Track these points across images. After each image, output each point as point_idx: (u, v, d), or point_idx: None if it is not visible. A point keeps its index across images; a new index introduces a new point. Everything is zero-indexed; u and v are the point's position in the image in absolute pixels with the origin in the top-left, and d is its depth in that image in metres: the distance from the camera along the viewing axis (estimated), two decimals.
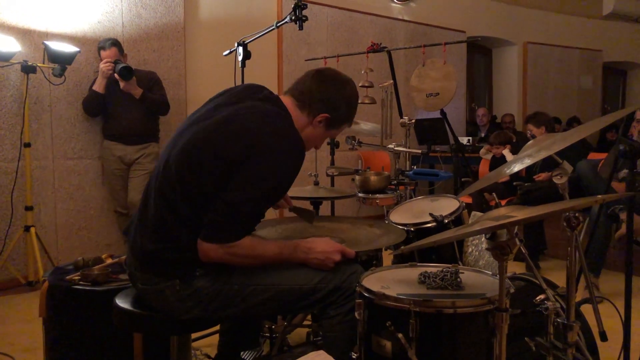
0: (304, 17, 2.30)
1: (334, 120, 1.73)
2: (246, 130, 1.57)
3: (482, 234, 1.18)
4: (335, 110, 1.71)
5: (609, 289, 3.43)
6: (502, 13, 7.66)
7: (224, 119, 1.62)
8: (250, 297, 1.63)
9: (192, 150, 1.59)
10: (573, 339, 1.39)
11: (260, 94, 1.71)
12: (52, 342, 2.15)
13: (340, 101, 1.72)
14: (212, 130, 1.60)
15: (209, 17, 4.86)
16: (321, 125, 1.72)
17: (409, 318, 1.32)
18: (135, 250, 1.66)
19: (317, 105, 1.69)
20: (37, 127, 3.93)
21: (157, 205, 1.62)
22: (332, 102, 1.70)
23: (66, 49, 3.70)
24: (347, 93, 1.74)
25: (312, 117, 1.70)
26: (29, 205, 3.73)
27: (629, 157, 1.79)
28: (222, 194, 1.53)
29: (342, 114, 1.74)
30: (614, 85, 10.10)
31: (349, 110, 1.76)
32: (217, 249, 1.54)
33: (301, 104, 1.70)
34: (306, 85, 1.72)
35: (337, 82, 1.73)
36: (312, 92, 1.70)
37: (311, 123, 1.71)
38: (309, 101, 1.70)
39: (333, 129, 1.77)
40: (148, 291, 1.64)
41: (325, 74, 1.75)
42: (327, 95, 1.70)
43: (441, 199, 2.30)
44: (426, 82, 2.84)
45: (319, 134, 1.74)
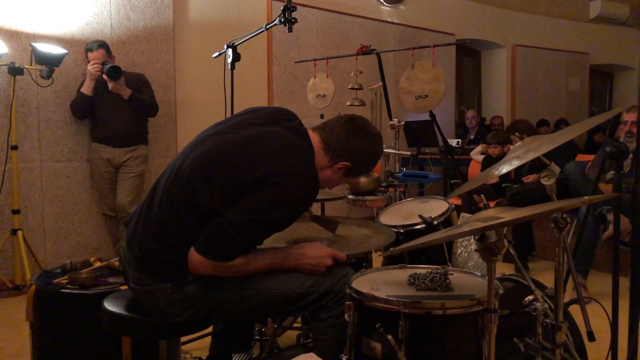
0: (293, 19, 2.30)
1: (354, 171, 1.75)
2: (267, 157, 1.57)
3: (471, 235, 1.18)
4: (358, 162, 1.73)
5: (597, 290, 3.46)
6: (491, 16, 7.71)
7: (248, 139, 1.62)
8: (241, 302, 1.63)
9: (209, 161, 1.59)
10: (561, 339, 1.40)
11: (289, 123, 1.72)
12: (39, 346, 2.13)
13: (365, 154, 1.73)
14: (233, 147, 1.61)
15: (199, 19, 4.84)
16: (340, 172, 1.73)
17: (399, 319, 1.32)
18: (132, 245, 1.65)
19: (342, 153, 1.70)
20: (24, 129, 3.89)
21: (162, 207, 1.61)
22: (356, 154, 1.71)
23: (54, 50, 3.67)
24: (373, 148, 1.76)
25: (334, 162, 1.71)
26: (16, 208, 3.70)
27: (615, 158, 1.81)
28: (226, 212, 1.53)
29: (363, 166, 1.77)
30: (601, 87, 10.21)
31: (370, 163, 1.78)
32: (208, 266, 1.55)
33: (326, 147, 1.70)
34: (336, 130, 1.71)
35: (366, 135, 1.73)
36: (340, 139, 1.70)
37: (331, 167, 1.72)
38: (335, 147, 1.70)
39: (350, 177, 1.80)
40: (139, 292, 1.64)
41: (356, 123, 1.74)
42: (354, 146, 1.70)
43: (430, 201, 2.31)
44: (415, 84, 2.85)
45: (336, 179, 1.76)
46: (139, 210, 1.70)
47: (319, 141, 1.72)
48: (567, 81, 8.77)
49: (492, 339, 1.25)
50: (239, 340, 2.14)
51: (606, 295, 1.98)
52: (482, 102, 8.38)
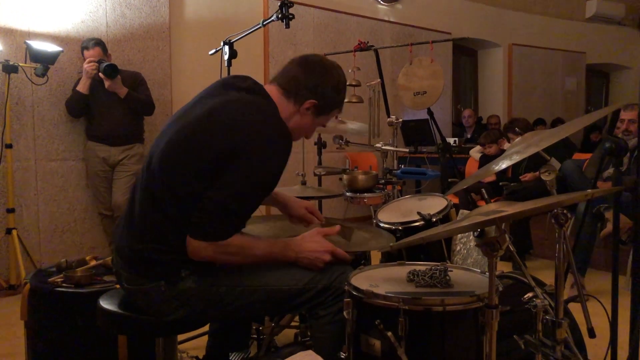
0: (290, 16, 2.29)
1: (323, 107, 1.69)
2: (230, 125, 1.53)
3: (473, 229, 1.17)
4: (323, 97, 1.67)
5: (595, 288, 3.46)
6: (487, 15, 7.71)
7: (207, 113, 1.57)
8: (238, 299, 1.61)
9: (176, 147, 1.56)
10: (562, 336, 1.39)
11: (243, 84, 1.66)
12: (33, 345, 2.11)
13: (328, 87, 1.67)
14: (195, 125, 1.56)
15: (195, 17, 4.82)
16: (309, 112, 1.68)
17: (398, 316, 1.30)
18: (121, 249, 1.63)
19: (304, 92, 1.65)
20: (18, 127, 3.86)
21: (143, 204, 1.59)
22: (318, 88, 1.66)
23: (49, 48, 3.64)
24: (334, 78, 1.69)
25: (299, 105, 1.66)
26: (11, 207, 3.67)
27: (614, 154, 1.80)
28: (209, 192, 1.50)
29: (330, 100, 1.69)
30: (597, 87, 10.23)
31: (337, 95, 1.71)
32: (207, 247, 1.50)
33: (287, 93, 1.65)
34: (291, 73, 1.67)
35: (323, 68, 1.68)
36: (298, 79, 1.65)
37: (298, 111, 1.67)
38: (295, 89, 1.65)
39: (322, 116, 1.72)
40: (133, 291, 1.61)
41: (310, 60, 1.70)
42: (314, 81, 1.65)
43: (429, 198, 2.29)
44: (413, 81, 2.83)
45: (307, 122, 1.70)
46: (124, 214, 1.68)
47: (277, 90, 1.66)
48: (564, 80, 8.78)
49: (493, 335, 1.24)
50: (236, 339, 2.11)
51: (604, 293, 1.98)
52: (478, 101, 8.38)
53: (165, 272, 1.56)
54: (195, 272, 1.58)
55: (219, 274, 1.60)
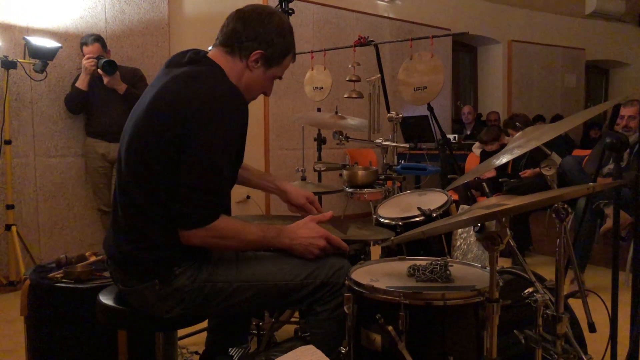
0: (290, 10, 2.28)
1: (271, 56, 1.60)
2: (176, 101, 1.47)
3: (475, 223, 1.17)
4: (269, 45, 1.58)
5: (594, 284, 3.46)
6: (487, 11, 7.70)
7: (154, 97, 1.52)
8: (234, 295, 1.59)
9: (135, 140, 1.53)
10: (562, 330, 1.39)
11: (183, 59, 1.58)
12: (33, 341, 2.11)
13: (271, 34, 1.58)
14: (146, 114, 1.52)
15: (194, 12, 4.81)
16: (259, 65, 1.60)
17: (399, 310, 1.30)
18: (112, 254, 1.62)
19: (248, 44, 1.56)
20: (17, 124, 3.85)
21: (123, 205, 1.57)
22: (262, 37, 1.57)
23: (47, 44, 3.63)
24: (276, 23, 1.60)
25: (246, 59, 1.58)
26: (10, 203, 3.66)
27: (615, 149, 1.79)
28: (178, 180, 1.45)
29: (278, 47, 1.60)
30: (596, 83, 10.23)
31: (283, 40, 1.61)
32: (197, 234, 1.47)
33: (230, 50, 1.58)
34: (229, 29, 1.59)
35: (262, 16, 1.59)
36: (238, 33, 1.57)
37: (247, 67, 1.59)
38: (237, 43, 1.57)
39: (274, 66, 1.63)
40: (129, 292, 1.60)
41: (246, 10, 1.60)
42: (255, 31, 1.57)
43: (429, 193, 2.29)
44: (414, 76, 2.83)
45: (259, 75, 1.62)
46: (111, 218, 1.66)
47: (220, 51, 1.59)
48: (563, 77, 8.78)
49: (494, 329, 1.23)
50: (235, 335, 2.11)
51: (603, 289, 1.98)
52: (478, 97, 8.38)
53: (158, 270, 1.54)
54: (189, 268, 1.55)
55: (214, 271, 1.58)
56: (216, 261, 1.62)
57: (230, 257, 1.65)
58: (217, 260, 1.62)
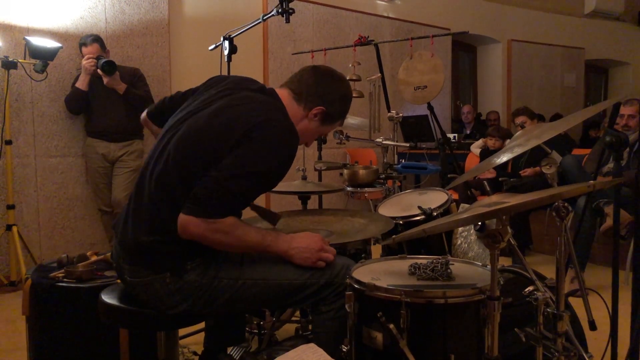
0: (290, 10, 2.28)
1: (329, 115, 1.74)
2: (241, 118, 1.56)
3: (476, 221, 1.17)
4: (331, 105, 1.72)
5: (594, 283, 3.46)
6: (486, 11, 7.70)
7: (219, 108, 1.61)
8: (239, 292, 1.61)
9: (194, 138, 1.57)
10: (563, 328, 1.39)
11: (254, 86, 1.71)
12: (35, 340, 2.11)
13: (336, 96, 1.73)
14: (213, 117, 1.59)
15: (194, 13, 4.81)
16: (316, 119, 1.72)
17: (400, 309, 1.31)
18: (125, 242, 1.62)
19: (314, 98, 1.70)
20: (18, 124, 3.86)
21: (153, 196, 1.58)
22: (328, 96, 1.71)
23: (48, 44, 3.63)
24: (342, 89, 1.77)
25: (308, 110, 1.70)
26: (11, 203, 3.67)
27: (615, 148, 1.80)
28: (211, 172, 1.50)
29: (337, 109, 1.75)
30: (596, 82, 10.23)
31: (343, 105, 1.77)
32: (199, 224, 1.48)
33: (297, 97, 1.70)
34: (303, 79, 1.73)
35: (333, 78, 1.76)
36: (309, 85, 1.71)
37: (307, 116, 1.71)
38: (306, 94, 1.70)
39: (327, 124, 1.77)
40: (136, 284, 1.61)
41: (321, 69, 1.76)
42: (324, 89, 1.71)
43: (430, 192, 2.30)
44: (414, 75, 2.83)
45: (313, 128, 1.74)
46: (127, 208, 1.67)
47: (288, 94, 1.71)
48: (563, 76, 8.78)
49: (495, 327, 1.24)
50: (233, 334, 2.12)
51: (603, 288, 1.99)
52: (478, 97, 8.38)
53: (172, 264, 1.57)
54: (200, 264, 1.59)
55: (221, 268, 1.61)
56: (223, 260, 1.64)
57: (236, 257, 1.67)
58: (224, 259, 1.65)
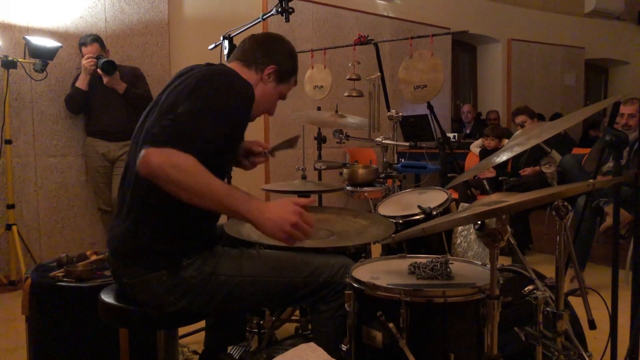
0: (290, 9, 2.28)
1: (282, 72, 1.78)
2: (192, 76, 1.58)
3: (475, 220, 1.17)
4: (281, 63, 1.77)
5: (594, 282, 3.46)
6: (486, 10, 7.70)
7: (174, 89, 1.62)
8: (237, 290, 1.61)
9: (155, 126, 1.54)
10: (562, 327, 1.39)
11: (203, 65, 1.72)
12: (35, 340, 2.11)
13: (283, 53, 1.79)
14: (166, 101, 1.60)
15: (194, 12, 4.80)
16: (271, 79, 1.76)
17: (400, 308, 1.31)
18: (119, 245, 1.63)
19: (263, 60, 1.74)
20: (18, 123, 3.85)
21: (134, 196, 1.59)
22: (276, 55, 1.76)
23: (47, 44, 3.63)
24: (287, 46, 1.82)
25: (261, 72, 1.74)
26: (11, 203, 3.66)
27: (615, 147, 1.80)
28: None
29: (288, 65, 1.80)
30: (596, 82, 10.22)
31: (292, 61, 1.82)
32: (158, 153, 1.36)
33: (247, 64, 1.74)
34: (246, 47, 1.78)
35: (275, 38, 1.83)
36: (254, 50, 1.76)
37: (261, 79, 1.75)
38: (254, 59, 1.74)
39: (282, 83, 1.80)
40: (133, 285, 1.61)
41: (260, 35, 1.82)
42: (270, 50, 1.76)
43: (429, 192, 2.30)
44: (414, 74, 2.83)
45: (270, 89, 1.77)
46: (117, 212, 1.68)
47: (237, 64, 1.75)
48: (563, 75, 8.78)
49: (494, 326, 1.24)
50: (233, 333, 2.12)
51: (603, 287, 1.99)
52: (477, 96, 8.38)
53: (167, 261, 1.57)
54: (196, 261, 1.59)
55: (218, 264, 1.61)
56: (220, 256, 1.64)
57: (234, 253, 1.67)
58: (221, 255, 1.65)
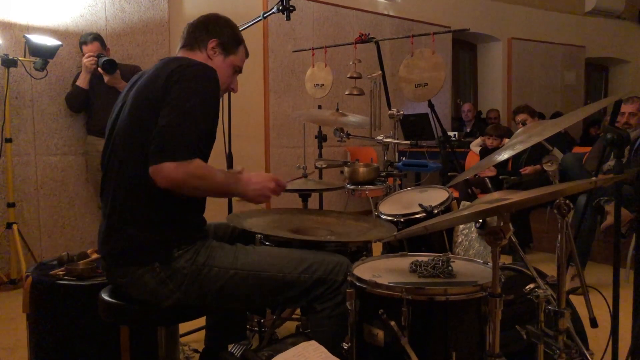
0: (291, 7, 2.28)
1: (226, 43, 1.81)
2: (158, 72, 1.63)
3: (477, 218, 1.17)
4: (221, 34, 1.80)
5: (595, 281, 3.46)
6: (487, 9, 7.70)
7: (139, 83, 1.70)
8: (230, 283, 1.61)
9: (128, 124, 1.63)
10: (564, 325, 1.39)
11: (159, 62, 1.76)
12: (36, 338, 2.11)
13: (219, 25, 1.82)
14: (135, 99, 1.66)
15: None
16: (217, 53, 1.79)
17: (401, 306, 1.30)
18: (107, 248, 1.64)
19: (203, 37, 1.79)
20: (18, 122, 3.85)
21: (117, 193, 1.61)
22: (213, 29, 1.80)
23: (48, 42, 3.63)
24: (222, 19, 1.85)
25: (205, 49, 1.78)
26: (11, 201, 3.66)
27: (616, 145, 1.79)
28: (158, 122, 1.52)
29: (229, 35, 1.82)
30: (596, 81, 10.22)
31: (233, 30, 1.84)
32: (176, 168, 1.47)
33: (191, 46, 1.79)
34: (185, 33, 1.83)
35: (208, 16, 1.85)
36: (192, 32, 1.81)
37: (208, 57, 1.78)
38: (195, 39, 1.79)
39: (231, 54, 1.82)
40: (129, 284, 1.61)
41: (195, 19, 1.85)
42: (206, 26, 1.81)
43: (430, 190, 2.30)
44: (415, 73, 2.83)
45: (220, 63, 1.79)
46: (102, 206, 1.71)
47: (184, 51, 1.80)
48: (563, 74, 8.77)
49: (496, 324, 1.24)
50: (233, 331, 2.12)
51: (604, 286, 1.99)
52: (478, 95, 8.38)
53: (158, 253, 1.58)
54: (188, 252, 1.60)
55: (212, 255, 1.62)
56: (215, 248, 1.65)
57: (229, 247, 1.68)
58: (216, 248, 1.65)
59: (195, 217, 1.71)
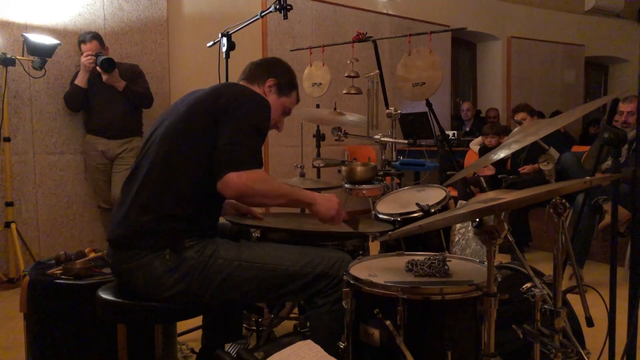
0: (288, 6, 2.28)
1: (282, 85, 1.96)
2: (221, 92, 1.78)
3: (473, 217, 1.17)
4: (280, 76, 1.95)
5: (593, 280, 3.47)
6: (486, 7, 7.69)
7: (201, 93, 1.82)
8: (234, 274, 1.64)
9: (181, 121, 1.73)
10: (560, 325, 1.39)
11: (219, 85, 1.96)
12: (33, 337, 2.11)
13: (281, 68, 1.98)
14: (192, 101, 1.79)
15: (193, 10, 4.80)
16: (272, 92, 1.94)
17: (397, 305, 1.30)
18: (120, 231, 1.68)
19: (263, 75, 1.94)
20: (16, 121, 3.85)
21: (147, 178, 1.69)
22: (274, 70, 1.96)
23: (46, 41, 3.63)
24: (283, 63, 2.01)
25: (263, 85, 1.93)
26: (9, 200, 3.66)
27: (614, 144, 1.79)
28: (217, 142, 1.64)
29: (286, 79, 1.97)
30: (596, 79, 10.21)
31: (291, 75, 2.00)
32: (241, 175, 1.59)
33: (251, 81, 1.95)
34: (247, 69, 1.99)
35: (271, 58, 2.05)
36: (254, 69, 1.97)
37: (264, 93, 1.93)
38: (256, 76, 1.95)
39: (284, 95, 1.97)
40: (134, 268, 1.64)
41: (259, 59, 2.03)
42: (268, 67, 1.97)
43: (428, 189, 2.30)
44: (412, 72, 2.83)
45: (273, 101, 1.91)
46: (121, 198, 1.77)
47: (244, 83, 1.95)
48: (563, 73, 8.76)
49: (491, 323, 1.24)
50: (229, 330, 2.12)
51: (602, 285, 1.99)
52: (477, 94, 8.37)
53: (171, 240, 1.63)
54: (199, 243, 1.65)
55: (218, 248, 1.66)
56: (220, 242, 1.70)
57: (234, 242, 1.73)
58: (221, 242, 1.70)
59: (209, 219, 1.79)
